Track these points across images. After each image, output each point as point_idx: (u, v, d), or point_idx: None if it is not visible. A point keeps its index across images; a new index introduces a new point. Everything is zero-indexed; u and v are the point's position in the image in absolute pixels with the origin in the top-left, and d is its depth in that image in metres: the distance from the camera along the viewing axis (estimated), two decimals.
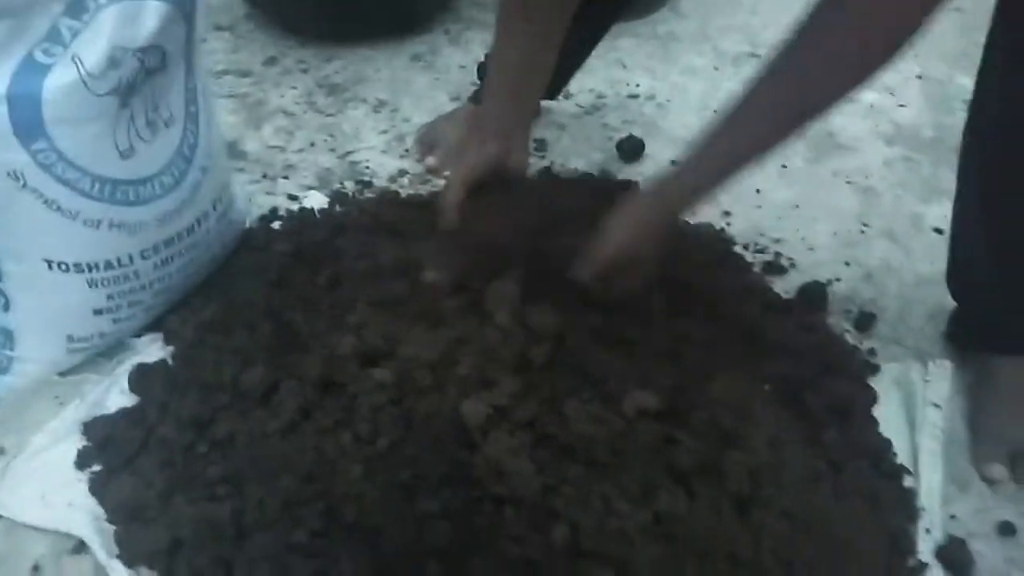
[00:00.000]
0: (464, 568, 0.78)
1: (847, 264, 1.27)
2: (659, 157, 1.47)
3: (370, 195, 1.38)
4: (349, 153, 1.51)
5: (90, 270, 1.00)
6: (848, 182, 1.43)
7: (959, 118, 1.01)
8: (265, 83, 1.69)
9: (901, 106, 1.60)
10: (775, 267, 1.26)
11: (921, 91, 1.65)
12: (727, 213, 1.35)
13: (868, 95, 1.62)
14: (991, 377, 1.07)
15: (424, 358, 0.89)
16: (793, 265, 1.26)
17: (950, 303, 1.19)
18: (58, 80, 0.89)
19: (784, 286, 1.21)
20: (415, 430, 0.85)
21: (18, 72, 0.88)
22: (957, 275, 1.10)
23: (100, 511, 0.94)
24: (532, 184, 1.20)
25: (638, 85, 1.66)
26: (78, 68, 0.90)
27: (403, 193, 1.39)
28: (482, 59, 1.57)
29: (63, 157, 0.92)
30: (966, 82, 1.56)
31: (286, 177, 1.45)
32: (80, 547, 0.92)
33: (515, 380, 0.87)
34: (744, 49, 1.76)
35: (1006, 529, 0.94)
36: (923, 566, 0.89)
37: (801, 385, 1.00)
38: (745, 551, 0.80)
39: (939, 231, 1.33)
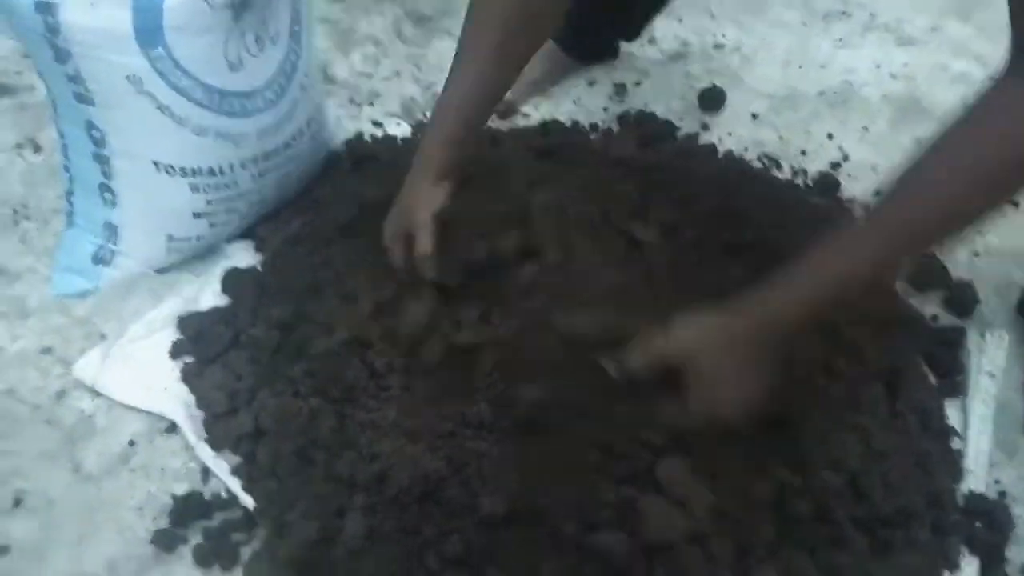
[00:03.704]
0: None
1: None
2: (740, 109, 1.48)
3: None
4: (433, 84, 1.54)
5: (194, 175, 1.07)
6: None
7: None
8: (355, 9, 1.72)
9: (992, 78, 1.57)
10: None
11: None
12: (803, 172, 1.36)
13: (958, 63, 1.59)
14: None
15: None
16: None
17: (1019, 277, 1.19)
18: None
19: None
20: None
21: None
22: None
23: (191, 398, 1.02)
24: None
25: (724, 35, 1.65)
26: None
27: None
28: None
29: (178, 65, 0.98)
30: None
31: (372, 104, 1.50)
32: (172, 428, 1.01)
33: None
34: (835, 6, 1.73)
35: None
36: (964, 523, 0.93)
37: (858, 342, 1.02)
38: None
39: (1015, 204, 1.32)
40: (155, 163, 1.05)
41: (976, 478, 0.97)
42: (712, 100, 1.47)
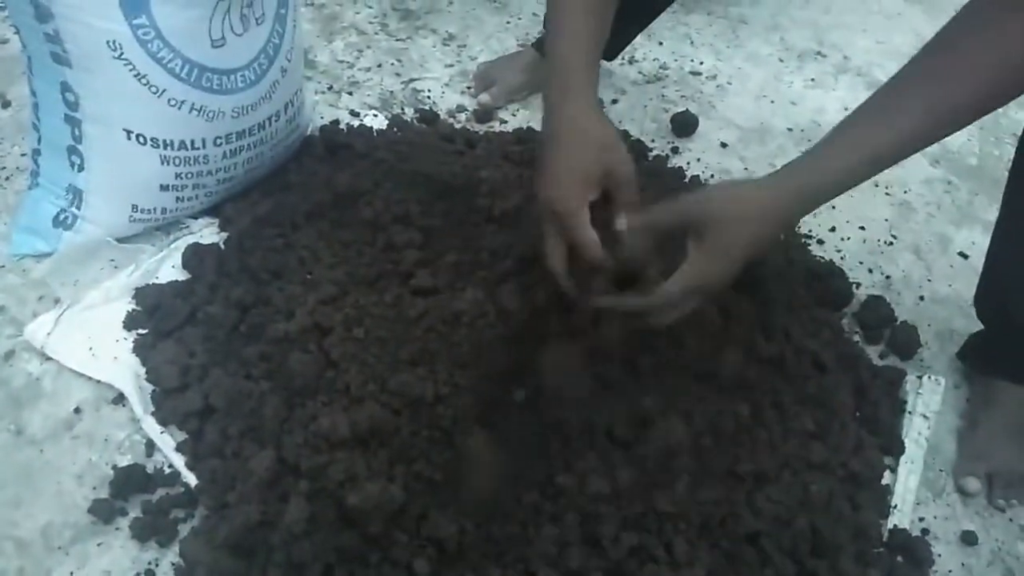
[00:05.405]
0: None
1: (870, 271, 1.32)
2: (710, 137, 1.51)
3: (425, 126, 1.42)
4: (413, 80, 1.55)
5: (165, 147, 1.06)
6: (886, 193, 1.47)
7: (1006, 151, 1.04)
8: None
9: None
10: None
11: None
12: None
13: None
14: (991, 400, 1.12)
15: None
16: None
17: (959, 325, 1.24)
18: None
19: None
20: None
21: None
22: (988, 299, 1.11)
23: (141, 370, 1.01)
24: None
25: (702, 63, 1.69)
26: None
27: (459, 127, 1.44)
28: None
29: (160, 35, 0.97)
30: (1022, 117, 1.60)
31: (350, 93, 1.50)
32: (119, 399, 1.00)
33: None
34: (811, 46, 1.78)
35: (968, 538, 1.01)
36: (887, 557, 0.96)
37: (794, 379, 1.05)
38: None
39: (964, 255, 1.37)
40: (127, 131, 1.04)
41: (902, 515, 1.01)
42: (684, 125, 1.50)
